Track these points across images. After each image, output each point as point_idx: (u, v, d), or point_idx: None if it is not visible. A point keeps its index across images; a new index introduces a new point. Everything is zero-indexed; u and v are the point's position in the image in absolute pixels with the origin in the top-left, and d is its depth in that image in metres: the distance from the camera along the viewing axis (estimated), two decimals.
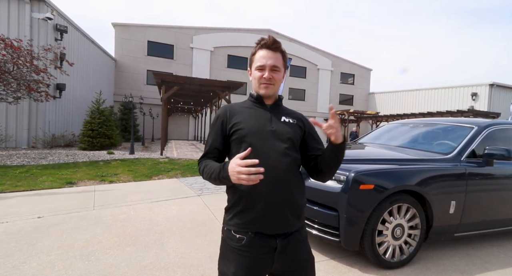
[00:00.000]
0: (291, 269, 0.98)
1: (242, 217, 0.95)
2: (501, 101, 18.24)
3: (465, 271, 2.19)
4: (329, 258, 2.33)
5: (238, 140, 0.99)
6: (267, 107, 1.06)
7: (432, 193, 2.19)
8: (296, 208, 0.99)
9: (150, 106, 18.14)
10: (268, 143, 0.97)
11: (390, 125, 3.81)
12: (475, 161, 2.46)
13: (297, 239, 0.99)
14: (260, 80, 1.01)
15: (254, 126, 0.99)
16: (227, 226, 1.00)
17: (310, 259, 1.04)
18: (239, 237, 0.95)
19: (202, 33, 21.11)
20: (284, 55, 1.05)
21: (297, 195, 0.99)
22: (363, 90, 27.89)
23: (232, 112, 1.05)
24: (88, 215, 3.20)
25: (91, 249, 2.37)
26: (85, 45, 13.49)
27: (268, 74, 1.00)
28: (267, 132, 0.99)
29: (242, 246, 0.94)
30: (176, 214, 3.35)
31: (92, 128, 9.81)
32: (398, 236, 2.18)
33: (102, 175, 5.45)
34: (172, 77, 9.58)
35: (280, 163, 0.95)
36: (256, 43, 1.04)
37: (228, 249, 0.98)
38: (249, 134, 0.97)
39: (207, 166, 0.99)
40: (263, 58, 1.00)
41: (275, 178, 0.93)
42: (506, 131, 2.79)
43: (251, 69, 1.07)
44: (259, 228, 0.94)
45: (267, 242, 0.94)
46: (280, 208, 0.94)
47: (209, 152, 1.05)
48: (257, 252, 0.94)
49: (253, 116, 1.03)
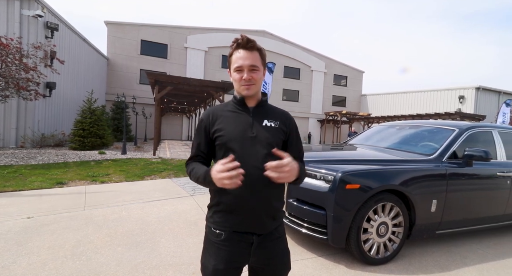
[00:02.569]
0: (266, 263, 1.04)
1: (221, 216, 1.02)
2: (487, 103, 18.86)
3: (445, 267, 2.30)
4: (317, 255, 2.40)
5: (220, 145, 1.03)
6: (249, 110, 1.06)
7: (414, 192, 2.29)
8: (273, 211, 1.04)
9: (143, 106, 17.98)
10: (248, 149, 0.99)
11: (379, 127, 3.93)
12: (456, 162, 2.58)
13: (274, 236, 1.05)
14: (240, 81, 1.01)
15: (235, 132, 1.01)
16: (208, 223, 1.06)
17: (285, 254, 1.10)
18: (219, 232, 1.01)
19: (196, 33, 21.05)
20: (262, 52, 1.04)
21: (275, 199, 1.04)
22: (355, 92, 28.30)
23: (214, 116, 1.06)
24: (79, 215, 3.20)
25: (82, 248, 2.38)
26: (77, 43, 13.28)
27: (247, 75, 1.00)
28: (248, 138, 1.01)
29: (221, 241, 1.00)
30: (168, 214, 3.37)
31: (83, 127, 9.67)
32: (383, 233, 2.28)
33: (93, 175, 5.41)
34: (166, 77, 9.54)
35: (259, 169, 0.96)
36: (230, 45, 1.03)
37: (209, 244, 1.04)
38: (230, 141, 1.00)
39: (193, 169, 1.04)
40: (240, 59, 0.99)
41: (254, 183, 0.97)
42: (485, 133, 2.94)
43: (230, 70, 1.06)
44: (237, 228, 1.01)
45: (244, 237, 1.01)
46: (258, 212, 1.00)
47: (195, 155, 1.09)
48: (235, 247, 1.00)
49: (234, 122, 1.04)
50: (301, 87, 25.52)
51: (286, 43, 24.37)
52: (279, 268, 1.08)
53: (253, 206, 0.99)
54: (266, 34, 23.32)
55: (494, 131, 3.05)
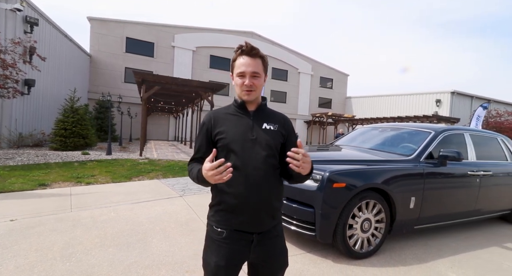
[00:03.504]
0: (265, 260, 1.10)
1: (223, 215, 1.06)
2: (461, 107, 20.04)
3: (422, 259, 2.50)
4: (306, 251, 2.52)
5: (222, 148, 1.06)
6: (250, 114, 1.11)
7: (395, 190, 2.47)
8: (273, 210, 1.09)
9: (128, 105, 17.53)
10: (248, 151, 1.04)
11: (363, 129, 4.14)
12: (432, 162, 2.80)
13: (272, 234, 1.10)
14: (241, 87, 1.05)
15: (236, 135, 1.05)
16: (210, 222, 1.11)
17: (283, 251, 1.15)
18: (220, 230, 1.06)
19: (184, 32, 20.81)
20: (264, 60, 1.09)
21: (274, 199, 1.09)
22: (340, 94, 29.08)
23: (216, 119, 1.11)
24: (65, 217, 3.13)
25: (72, 250, 2.36)
26: (58, 39, 12.76)
27: (248, 81, 1.04)
28: (248, 141, 1.05)
29: (223, 238, 1.05)
30: (158, 214, 3.37)
31: (65, 127, 9.30)
32: (366, 229, 2.43)
33: (78, 176, 5.26)
34: (153, 76, 9.40)
35: (259, 170, 1.03)
36: (235, 50, 1.08)
37: (211, 241, 1.09)
38: (231, 143, 1.04)
39: (192, 170, 1.09)
40: (243, 65, 1.04)
41: (254, 184, 1.02)
42: (457, 136, 3.20)
43: (233, 74, 1.11)
44: (238, 226, 1.05)
45: (244, 236, 1.06)
46: (258, 212, 1.05)
47: (196, 157, 1.15)
48: (236, 244, 1.05)
49: (236, 125, 1.08)
50: (288, 89, 25.88)
51: (274, 45, 24.65)
52: (277, 265, 1.13)
53: (254, 205, 1.03)
54: (254, 35, 23.46)
55: (465, 134, 3.32)
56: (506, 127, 17.13)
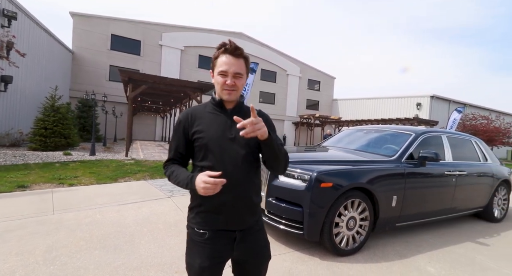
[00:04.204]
0: (249, 255, 1.10)
1: (204, 216, 1.05)
2: (439, 110, 21.08)
3: (403, 255, 2.63)
4: (294, 249, 2.59)
5: (199, 147, 1.04)
6: (228, 112, 1.08)
7: (378, 189, 2.59)
8: (253, 207, 1.10)
9: (113, 104, 17.01)
10: (227, 151, 1.02)
11: (349, 131, 4.29)
12: (412, 162, 2.95)
13: (254, 229, 1.12)
14: (223, 86, 1.03)
15: (214, 133, 1.03)
16: (191, 224, 1.09)
17: (266, 245, 1.17)
18: (202, 232, 1.04)
19: (172, 31, 20.51)
20: (247, 60, 1.07)
21: (254, 196, 1.09)
22: (327, 96, 29.70)
23: (193, 117, 1.08)
24: (48, 220, 3.03)
25: (56, 253, 2.29)
26: (37, 34, 12.21)
27: (230, 80, 1.01)
28: (227, 140, 1.03)
29: (206, 239, 1.04)
30: (146, 216, 3.33)
31: (45, 126, 8.91)
32: (352, 227, 2.54)
33: (59, 177, 5.07)
34: (140, 75, 9.19)
35: (239, 169, 1.02)
36: (217, 47, 1.04)
37: (193, 243, 1.07)
38: (209, 142, 1.02)
39: (173, 172, 1.06)
40: (226, 64, 1.01)
41: (234, 183, 1.01)
42: (436, 138, 3.39)
43: (213, 72, 1.07)
44: (220, 226, 1.05)
45: (227, 234, 1.06)
46: (239, 210, 1.05)
47: (173, 157, 1.11)
48: (219, 244, 1.05)
49: (214, 123, 1.06)
50: (277, 90, 26.11)
51: (263, 47, 24.80)
52: (261, 259, 1.15)
53: (235, 204, 1.04)
54: (243, 36, 23.51)
55: (443, 136, 3.53)
56: (480, 130, 18.18)
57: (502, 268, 2.51)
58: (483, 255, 2.76)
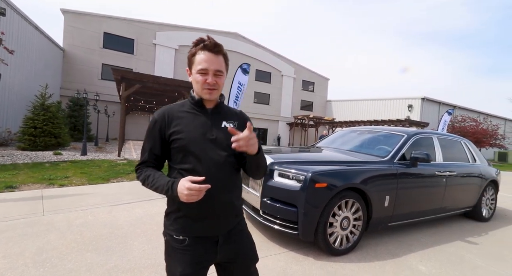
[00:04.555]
0: (233, 257, 1.04)
1: (183, 222, 0.98)
2: (430, 112, 21.53)
3: (395, 254, 2.67)
4: (289, 250, 2.60)
5: (178, 149, 0.98)
6: (208, 111, 1.03)
7: (372, 189, 2.63)
8: (235, 210, 1.05)
9: (105, 103, 16.75)
10: (208, 152, 0.97)
11: (342, 131, 4.33)
12: (404, 163, 3.01)
13: (237, 230, 1.06)
14: (203, 85, 0.97)
15: (194, 135, 0.98)
16: (168, 231, 1.01)
17: (251, 245, 1.11)
18: (182, 238, 0.98)
19: (166, 30, 20.33)
20: (226, 57, 1.02)
21: (235, 198, 1.05)
22: (321, 97, 29.95)
23: (170, 117, 1.01)
24: (37, 221, 2.95)
25: (46, 256, 2.24)
26: (27, 31, 11.91)
27: (211, 79, 0.96)
28: (208, 141, 0.98)
29: (185, 246, 0.98)
30: (140, 216, 3.29)
31: (35, 125, 8.70)
32: (345, 227, 2.56)
33: (50, 178, 4.95)
34: (133, 74, 9.07)
35: (220, 171, 0.97)
36: (194, 43, 0.99)
37: (172, 250, 1.00)
38: (189, 144, 0.96)
39: (149, 177, 0.98)
40: (206, 62, 0.95)
41: (216, 186, 0.95)
42: (427, 139, 3.47)
43: (190, 69, 1.01)
44: (200, 232, 0.99)
45: (209, 238, 1.00)
46: (221, 214, 1.00)
47: (147, 160, 1.03)
48: (200, 249, 0.99)
49: (193, 124, 1.00)
50: (271, 91, 26.18)
51: (258, 47, 24.83)
52: (247, 261, 1.08)
53: (216, 208, 0.98)
54: (238, 36, 23.48)
55: (434, 137, 3.60)
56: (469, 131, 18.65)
57: (490, 266, 2.58)
58: (472, 253, 2.83)
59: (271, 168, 2.63)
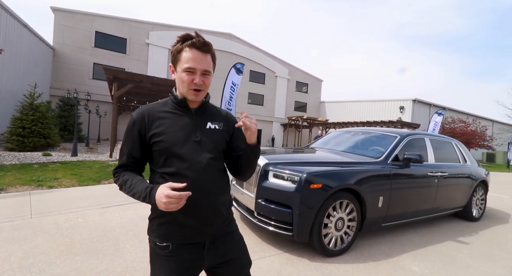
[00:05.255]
0: (223, 261, 0.99)
1: (167, 228, 0.93)
2: (421, 114, 21.96)
3: (389, 255, 2.69)
4: (283, 251, 2.58)
5: (160, 151, 0.92)
6: (191, 111, 0.98)
7: (366, 190, 2.64)
8: (222, 213, 0.99)
9: (97, 103, 16.44)
10: (192, 155, 0.92)
11: (336, 132, 4.36)
12: (397, 163, 3.04)
13: (225, 232, 1.01)
14: (190, 85, 0.92)
15: (177, 137, 0.93)
16: (152, 237, 0.96)
17: (242, 248, 1.04)
18: (165, 245, 0.93)
19: (159, 30, 20.14)
20: (214, 57, 0.98)
21: (222, 201, 0.99)
22: (315, 98, 30.17)
23: (151, 118, 0.95)
24: (25, 224, 2.86)
25: (33, 260, 2.16)
26: (15, 29, 11.60)
27: (199, 79, 0.92)
28: (192, 143, 0.93)
29: (170, 252, 0.92)
30: (132, 218, 3.22)
31: (23, 125, 8.47)
32: (340, 228, 2.57)
33: (38, 179, 4.81)
34: (126, 74, 8.93)
35: (206, 174, 0.92)
36: (181, 38, 0.92)
37: (156, 257, 0.95)
38: (172, 147, 0.91)
39: (126, 182, 0.92)
40: (193, 60, 0.90)
41: (201, 190, 0.91)
42: (419, 140, 3.52)
43: (175, 67, 0.95)
44: (184, 239, 0.93)
45: (193, 244, 0.94)
46: (207, 219, 0.95)
47: (126, 163, 0.97)
48: (186, 253, 0.93)
49: (176, 125, 0.95)
50: (265, 92, 26.23)
51: (252, 48, 24.85)
52: (238, 264, 1.02)
53: (201, 213, 0.94)
54: (232, 37, 23.46)
55: (426, 138, 3.66)
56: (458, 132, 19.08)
57: (481, 265, 2.63)
58: (463, 253, 2.88)
59: (265, 169, 2.62)
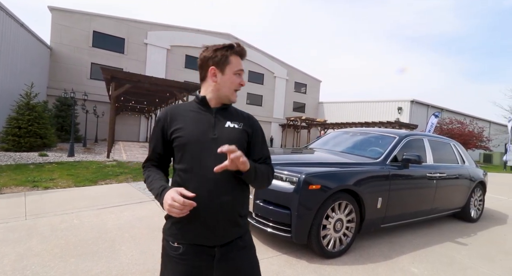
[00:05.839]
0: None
1: (180, 227, 0.94)
2: (419, 115, 22.04)
3: (388, 256, 2.68)
4: (282, 253, 2.56)
5: (178, 147, 0.96)
6: (212, 111, 1.00)
7: (365, 191, 2.62)
8: (237, 218, 0.97)
9: (94, 103, 16.34)
10: (208, 153, 0.92)
11: (335, 133, 4.34)
12: (396, 164, 3.03)
13: (239, 246, 0.97)
14: (237, 86, 1.01)
15: (194, 133, 0.95)
16: (166, 236, 0.98)
17: (254, 266, 1.01)
18: (177, 246, 0.93)
19: (158, 30, 20.06)
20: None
21: (238, 204, 0.97)
22: (313, 99, 30.21)
23: (173, 116, 1.00)
24: (19, 226, 2.81)
25: (26, 262, 2.12)
26: (12, 29, 11.50)
27: (243, 81, 1.03)
28: (208, 140, 0.94)
29: (180, 254, 0.92)
30: (128, 220, 3.18)
31: (19, 125, 8.38)
32: (338, 229, 2.55)
33: (34, 180, 4.76)
34: (124, 74, 8.87)
35: (220, 174, 0.90)
36: (228, 46, 0.99)
37: (167, 258, 0.96)
38: (189, 143, 0.94)
39: (149, 177, 1.00)
40: (241, 65, 1.01)
41: (214, 190, 0.91)
42: (418, 141, 3.51)
43: (222, 70, 0.98)
44: (196, 239, 0.93)
45: (205, 250, 0.93)
46: (219, 219, 0.93)
47: (151, 158, 1.05)
48: (196, 260, 0.92)
49: (195, 122, 0.97)
50: (264, 92, 26.22)
51: (251, 48, 24.83)
52: None
53: (214, 212, 0.92)
54: (231, 37, 23.43)
55: (424, 139, 3.65)
56: (456, 133, 19.16)
57: (480, 267, 2.62)
58: (462, 254, 2.87)
59: None
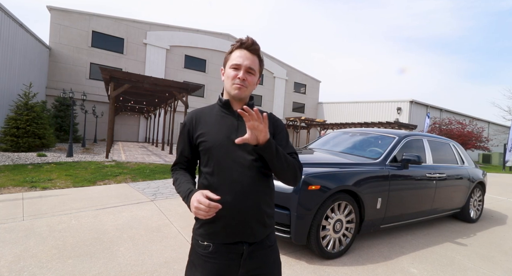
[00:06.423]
0: (256, 274, 0.99)
1: (208, 227, 0.96)
2: (418, 115, 22.07)
3: (387, 257, 2.66)
4: (281, 253, 2.54)
5: (203, 151, 0.98)
6: (235, 113, 1.01)
7: (364, 191, 2.61)
8: (263, 218, 0.99)
9: (93, 103, 16.32)
10: (232, 156, 0.95)
11: (334, 133, 4.33)
12: (396, 165, 3.02)
13: (265, 245, 1.00)
14: (233, 80, 0.95)
15: (218, 136, 0.97)
16: (195, 235, 1.01)
17: (276, 265, 1.05)
18: (206, 244, 0.96)
19: (157, 30, 20.04)
20: (261, 60, 1.02)
21: (264, 205, 0.99)
22: (313, 99, 30.22)
23: (198, 120, 1.02)
24: (16, 227, 2.79)
25: (23, 264, 2.10)
26: (11, 28, 11.47)
27: (242, 74, 0.94)
28: (232, 144, 0.95)
29: (209, 253, 0.95)
30: (126, 221, 3.16)
31: (17, 125, 8.36)
32: (338, 229, 2.53)
33: (32, 180, 4.73)
34: (123, 74, 8.85)
35: (245, 176, 0.93)
36: (233, 44, 1.00)
37: (195, 256, 0.98)
38: (213, 147, 0.96)
39: (177, 180, 1.03)
40: (240, 57, 0.95)
41: (240, 191, 0.93)
42: (417, 141, 3.50)
43: (224, 68, 1.01)
44: (225, 239, 0.95)
45: (234, 248, 0.95)
46: (246, 220, 0.95)
47: (179, 161, 1.08)
48: (224, 259, 0.95)
49: (219, 126, 0.99)
50: (264, 92, 26.22)
51: None
52: None
53: (242, 213, 0.95)
54: (230, 37, 23.42)
55: (424, 139, 3.65)
56: (455, 134, 19.20)
57: (480, 267, 2.61)
58: (462, 255, 2.86)
59: None
